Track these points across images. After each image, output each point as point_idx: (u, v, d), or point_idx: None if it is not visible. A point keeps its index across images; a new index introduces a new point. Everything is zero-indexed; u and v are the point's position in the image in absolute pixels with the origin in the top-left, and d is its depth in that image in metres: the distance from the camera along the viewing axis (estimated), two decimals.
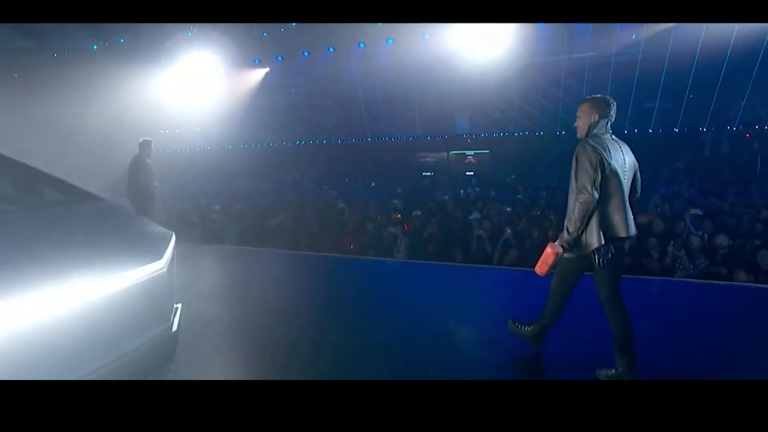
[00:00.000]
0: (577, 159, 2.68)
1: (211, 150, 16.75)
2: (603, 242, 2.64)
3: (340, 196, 9.65)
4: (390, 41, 13.75)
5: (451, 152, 16.17)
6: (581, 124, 2.83)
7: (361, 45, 14.19)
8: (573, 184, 2.70)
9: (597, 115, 2.76)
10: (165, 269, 2.10)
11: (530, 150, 13.84)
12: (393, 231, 6.87)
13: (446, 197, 9.68)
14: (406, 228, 7.41)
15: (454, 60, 12.56)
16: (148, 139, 5.98)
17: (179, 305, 2.44)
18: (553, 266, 2.86)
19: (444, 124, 15.94)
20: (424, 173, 14.29)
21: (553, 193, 9.63)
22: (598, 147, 2.65)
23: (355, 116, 16.85)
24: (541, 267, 2.83)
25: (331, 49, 14.69)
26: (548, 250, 2.81)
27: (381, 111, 16.13)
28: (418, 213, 7.99)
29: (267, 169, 15.59)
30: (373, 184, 12.38)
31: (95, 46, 12.08)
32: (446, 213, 8.09)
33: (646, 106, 13.27)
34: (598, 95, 2.87)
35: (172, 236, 2.38)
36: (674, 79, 11.83)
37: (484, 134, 15.37)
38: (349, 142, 17.12)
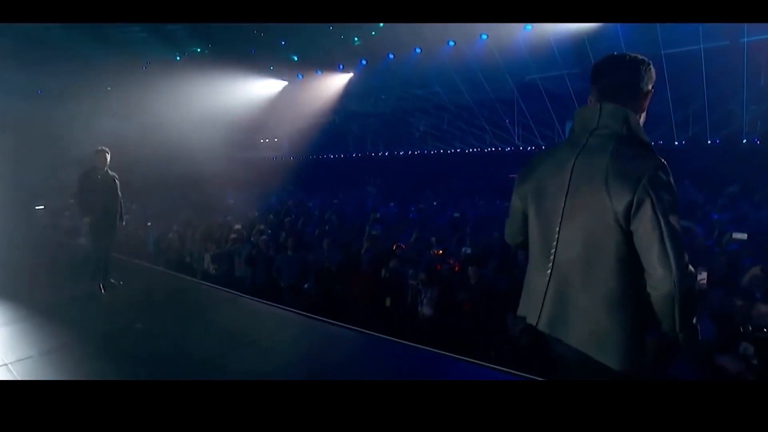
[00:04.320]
0: (668, 185, 1.50)
1: (293, 160, 16.43)
2: None
3: (380, 220, 7.79)
4: (484, 36, 11.83)
5: None
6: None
7: (451, 43, 12.50)
8: (663, 221, 1.48)
9: None
10: None
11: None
12: (413, 283, 4.92)
13: None
14: (439, 268, 5.32)
15: (568, 52, 10.07)
16: (100, 148, 5.07)
17: None
18: None
19: (548, 133, 13.19)
20: None
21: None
22: None
23: (445, 124, 15.09)
24: None
25: (418, 50, 13.21)
26: None
27: (473, 117, 14.11)
28: (468, 251, 5.86)
29: (342, 182, 14.62)
30: (435, 203, 10.37)
31: (178, 57, 12.26)
32: (513, 258, 5.48)
33: None
34: None
35: None
36: None
37: None
38: (435, 153, 15.32)
